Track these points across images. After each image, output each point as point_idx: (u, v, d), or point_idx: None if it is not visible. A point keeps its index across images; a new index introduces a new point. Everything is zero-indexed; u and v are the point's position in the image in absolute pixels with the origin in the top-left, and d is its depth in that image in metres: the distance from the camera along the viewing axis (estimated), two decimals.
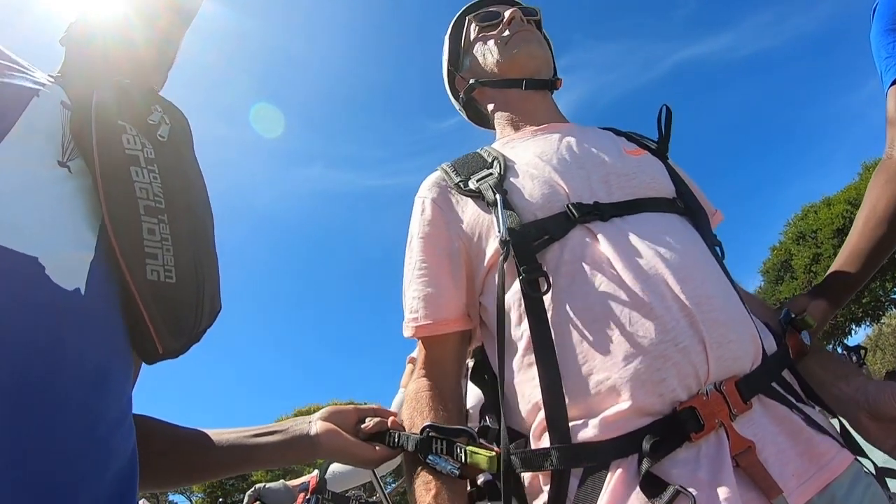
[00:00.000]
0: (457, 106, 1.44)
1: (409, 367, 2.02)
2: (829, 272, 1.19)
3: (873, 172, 1.20)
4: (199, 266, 0.77)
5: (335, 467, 1.64)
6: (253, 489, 1.64)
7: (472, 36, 1.32)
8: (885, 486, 0.86)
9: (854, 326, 25.51)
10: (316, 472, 1.64)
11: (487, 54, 1.26)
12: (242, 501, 1.70)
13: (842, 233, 22.43)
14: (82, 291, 0.63)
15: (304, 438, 0.97)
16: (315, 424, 1.00)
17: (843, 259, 1.17)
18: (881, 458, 0.91)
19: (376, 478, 1.49)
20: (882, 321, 25.99)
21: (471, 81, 1.31)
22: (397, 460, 1.12)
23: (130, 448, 0.67)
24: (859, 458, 0.86)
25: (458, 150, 1.18)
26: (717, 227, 1.16)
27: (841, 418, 0.93)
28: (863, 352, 1.58)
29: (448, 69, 1.39)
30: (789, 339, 0.98)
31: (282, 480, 1.70)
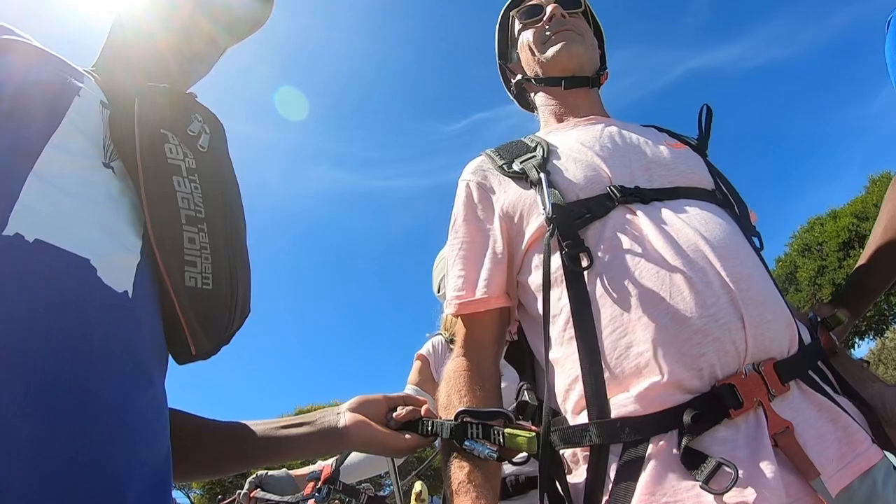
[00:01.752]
0: (510, 96, 1.47)
1: (416, 363, 2.01)
2: (847, 281, 1.20)
3: (891, 184, 1.21)
4: (234, 273, 0.80)
5: (350, 459, 1.63)
6: (254, 475, 1.62)
7: (517, 31, 1.33)
8: None
9: (858, 340, 25.36)
10: (331, 461, 1.63)
11: (529, 51, 1.28)
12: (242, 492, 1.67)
13: (847, 246, 22.32)
14: (130, 294, 0.65)
15: (333, 430, 0.97)
16: (344, 416, 0.99)
17: (863, 268, 1.18)
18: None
19: (394, 467, 1.48)
20: (886, 335, 25.78)
21: (518, 77, 1.35)
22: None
23: (166, 444, 0.69)
24: (888, 454, 0.86)
25: (465, 154, 1.19)
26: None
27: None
28: (866, 365, 1.58)
29: (499, 63, 1.43)
30: (821, 335, 0.99)
31: (284, 469, 1.68)
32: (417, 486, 3.02)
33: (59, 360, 0.55)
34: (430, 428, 0.98)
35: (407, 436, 1.01)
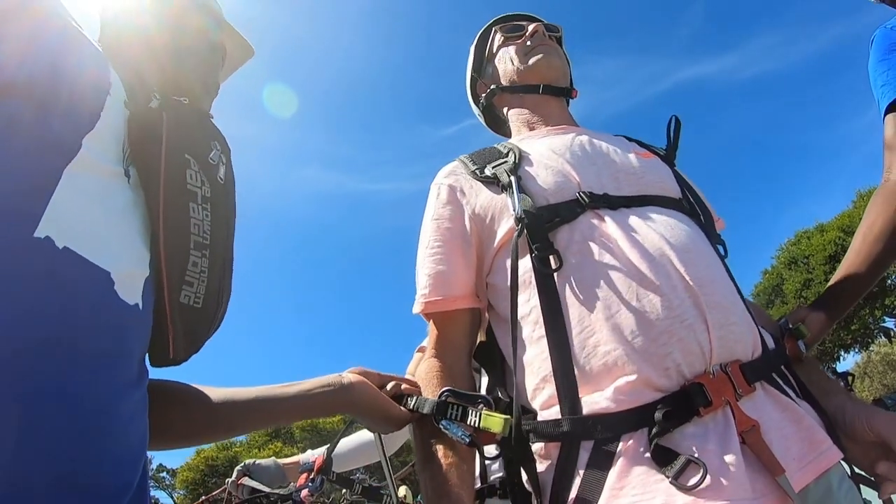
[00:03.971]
0: (476, 111, 1.51)
1: (417, 355, 1.99)
2: (827, 287, 1.24)
3: (873, 195, 1.25)
4: (222, 293, 0.84)
5: (339, 449, 1.62)
6: (242, 465, 1.61)
7: (497, 45, 1.39)
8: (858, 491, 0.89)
9: (843, 353, 25.65)
10: (322, 451, 1.61)
11: (509, 62, 1.34)
12: (228, 483, 1.66)
13: (834, 259, 22.59)
14: (140, 307, 0.68)
15: (340, 387, 0.96)
16: (347, 375, 1.00)
17: (841, 274, 1.22)
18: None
19: (383, 450, 1.47)
20: (871, 348, 26.13)
21: (492, 87, 1.38)
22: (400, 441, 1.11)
23: (145, 438, 0.72)
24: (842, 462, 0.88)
25: (455, 157, 1.21)
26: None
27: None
28: (850, 378, 1.60)
29: (471, 75, 1.47)
30: (787, 343, 1.03)
31: (272, 458, 1.68)
32: (402, 490, 3.02)
33: (73, 366, 0.57)
34: (413, 403, 0.99)
35: (402, 407, 1.01)
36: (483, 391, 1.27)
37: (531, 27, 1.33)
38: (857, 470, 0.92)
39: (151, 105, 0.77)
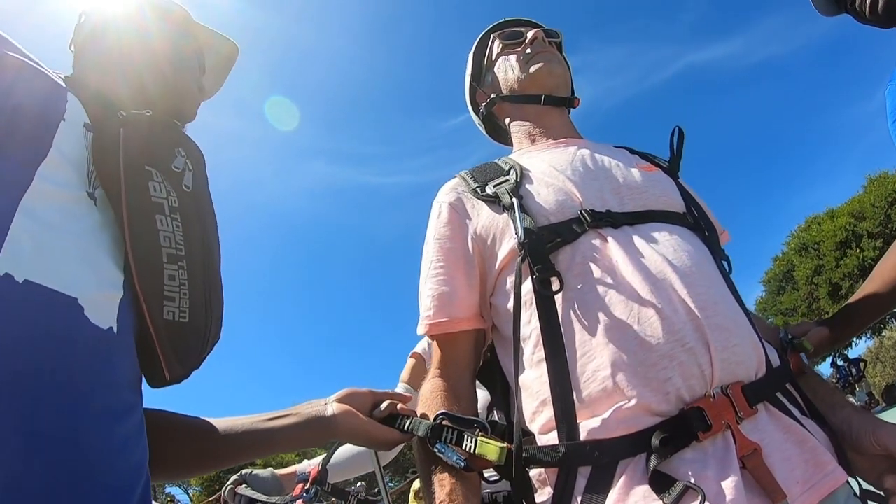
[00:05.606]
0: (476, 120, 1.49)
1: (410, 361, 2.01)
2: (840, 308, 1.25)
3: None
4: (209, 304, 0.82)
5: (335, 458, 1.63)
6: (238, 474, 1.62)
7: (496, 53, 1.37)
8: None
9: (855, 339, 25.47)
10: (318, 461, 1.62)
11: (509, 70, 1.32)
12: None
13: (844, 245, 22.38)
14: (115, 330, 0.67)
15: (321, 419, 0.98)
16: (331, 406, 1.00)
17: (856, 299, 1.23)
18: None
19: (378, 464, 1.47)
20: (883, 334, 25.91)
21: (492, 96, 1.36)
22: (394, 452, 1.11)
23: (144, 462, 0.71)
24: (849, 479, 0.87)
25: (460, 150, 1.20)
26: (724, 245, 1.18)
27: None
28: (862, 364, 1.61)
29: (470, 84, 1.45)
30: (791, 357, 1.02)
31: (270, 468, 1.68)
32: (417, 483, 3.03)
33: (45, 399, 0.57)
34: (406, 425, 0.99)
35: (392, 429, 1.01)
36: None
37: (531, 34, 1.30)
38: (864, 486, 0.90)
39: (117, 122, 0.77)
